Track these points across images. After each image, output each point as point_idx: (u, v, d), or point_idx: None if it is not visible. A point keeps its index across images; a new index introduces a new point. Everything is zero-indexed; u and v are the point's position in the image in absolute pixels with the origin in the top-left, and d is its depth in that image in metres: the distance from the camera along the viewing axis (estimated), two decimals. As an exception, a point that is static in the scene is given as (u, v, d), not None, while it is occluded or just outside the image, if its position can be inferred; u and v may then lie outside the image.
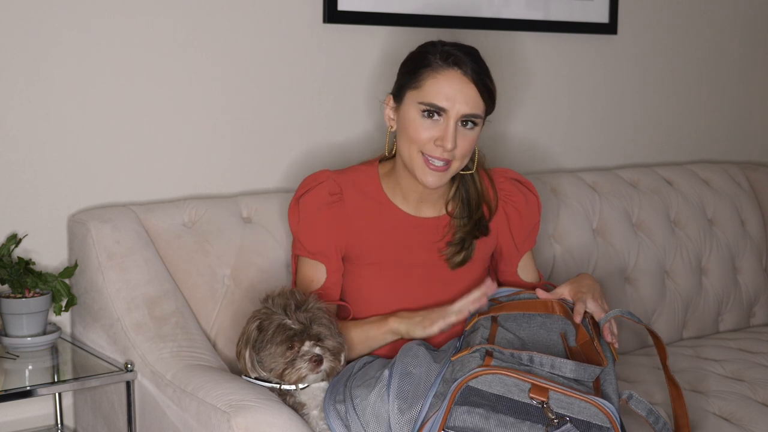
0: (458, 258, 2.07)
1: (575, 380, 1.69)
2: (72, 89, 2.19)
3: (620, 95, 3.06)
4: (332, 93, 2.52)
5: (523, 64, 2.83)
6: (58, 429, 2.25)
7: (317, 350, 1.83)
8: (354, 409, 1.80)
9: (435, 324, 1.94)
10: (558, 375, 1.69)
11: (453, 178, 2.08)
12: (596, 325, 1.94)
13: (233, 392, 1.79)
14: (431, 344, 2.01)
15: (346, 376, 1.89)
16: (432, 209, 2.09)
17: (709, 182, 3.05)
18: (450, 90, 1.93)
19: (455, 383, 1.66)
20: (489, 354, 1.73)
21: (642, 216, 2.82)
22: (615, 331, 1.94)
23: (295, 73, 2.46)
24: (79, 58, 2.19)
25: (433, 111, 1.94)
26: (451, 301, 1.99)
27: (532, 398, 1.61)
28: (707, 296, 2.91)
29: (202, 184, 2.38)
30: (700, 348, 2.70)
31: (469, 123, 1.96)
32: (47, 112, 2.17)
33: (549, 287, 2.10)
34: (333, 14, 2.46)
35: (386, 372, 1.83)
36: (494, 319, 1.91)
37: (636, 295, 2.75)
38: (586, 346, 1.83)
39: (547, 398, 1.61)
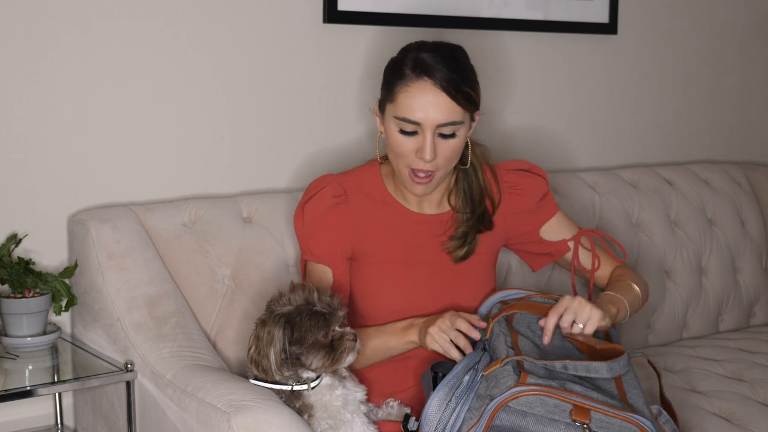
0: (461, 252, 2.07)
1: (601, 389, 1.69)
2: (72, 89, 2.19)
3: (620, 95, 3.06)
4: (333, 93, 2.52)
5: (523, 65, 2.83)
6: (58, 429, 2.25)
7: (349, 329, 1.84)
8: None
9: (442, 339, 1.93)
10: (596, 377, 1.69)
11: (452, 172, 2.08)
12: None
13: (233, 392, 1.79)
14: None
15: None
16: (434, 206, 2.10)
17: (709, 182, 3.04)
18: (421, 101, 1.91)
19: (493, 403, 1.63)
20: (521, 367, 1.70)
21: (642, 216, 2.82)
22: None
23: (295, 73, 2.46)
24: (80, 59, 2.19)
25: (409, 130, 1.93)
26: (457, 296, 2.02)
27: (574, 420, 1.60)
28: (707, 296, 2.90)
29: (202, 184, 2.38)
30: (700, 348, 2.70)
31: (449, 136, 1.94)
32: (47, 112, 2.17)
33: (550, 301, 2.01)
34: (333, 14, 2.46)
35: (467, 378, 1.81)
36: (509, 324, 1.88)
37: (636, 295, 2.75)
38: (589, 340, 1.82)
39: (590, 420, 1.60)
